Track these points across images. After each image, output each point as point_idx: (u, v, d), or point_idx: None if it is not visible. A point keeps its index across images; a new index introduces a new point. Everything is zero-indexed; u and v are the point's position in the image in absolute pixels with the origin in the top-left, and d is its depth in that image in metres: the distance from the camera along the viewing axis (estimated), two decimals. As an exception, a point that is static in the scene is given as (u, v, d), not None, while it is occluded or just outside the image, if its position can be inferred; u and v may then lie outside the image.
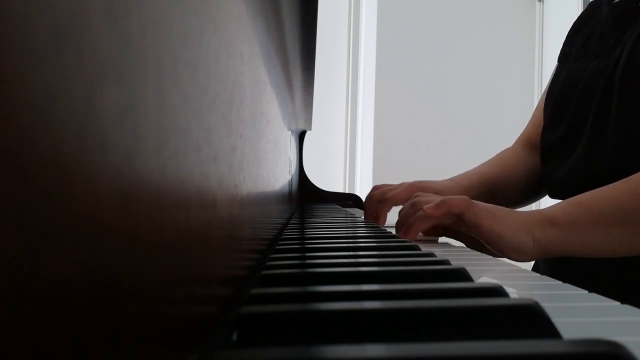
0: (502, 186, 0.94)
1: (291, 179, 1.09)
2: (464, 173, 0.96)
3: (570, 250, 0.64)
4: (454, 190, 0.88)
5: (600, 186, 0.67)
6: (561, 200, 0.68)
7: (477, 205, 0.63)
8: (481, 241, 0.63)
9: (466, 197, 0.66)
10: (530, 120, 1.02)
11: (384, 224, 0.90)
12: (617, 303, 0.33)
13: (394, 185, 0.94)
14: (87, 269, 0.12)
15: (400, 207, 0.82)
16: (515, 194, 0.96)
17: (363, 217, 0.98)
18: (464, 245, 0.72)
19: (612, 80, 0.75)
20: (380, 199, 0.92)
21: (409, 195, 0.82)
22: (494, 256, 0.61)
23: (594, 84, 0.79)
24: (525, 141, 1.01)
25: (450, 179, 0.93)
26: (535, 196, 0.99)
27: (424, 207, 0.65)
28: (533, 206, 2.07)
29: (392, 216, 0.88)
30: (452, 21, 2.65)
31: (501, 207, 0.66)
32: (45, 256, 0.11)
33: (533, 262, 0.88)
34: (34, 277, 0.10)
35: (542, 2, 2.71)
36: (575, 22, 0.92)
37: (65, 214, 0.11)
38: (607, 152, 0.74)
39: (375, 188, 0.96)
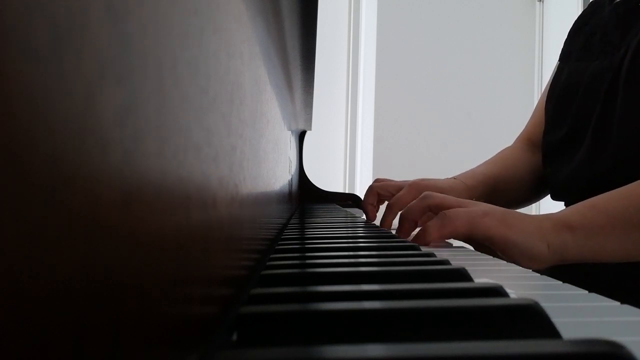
0: (506, 186, 0.93)
1: (291, 179, 1.09)
2: (468, 172, 0.94)
3: (588, 256, 0.61)
4: (459, 189, 0.86)
5: (605, 188, 0.65)
6: (576, 204, 0.65)
7: (485, 217, 0.59)
8: (494, 249, 0.60)
9: (469, 209, 0.61)
10: (531, 119, 1.01)
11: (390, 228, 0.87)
12: (617, 303, 0.33)
13: (396, 182, 0.92)
14: (87, 269, 0.12)
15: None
16: (519, 193, 0.95)
17: (364, 215, 0.98)
18: (467, 246, 0.68)
19: (616, 81, 0.74)
20: (380, 189, 0.90)
21: (412, 198, 0.78)
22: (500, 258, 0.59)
23: (597, 84, 0.78)
24: (527, 140, 0.99)
25: (454, 178, 0.90)
26: (539, 195, 0.97)
27: (428, 230, 0.61)
28: (532, 208, 2.07)
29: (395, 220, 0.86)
30: (452, 21, 2.65)
31: (511, 210, 0.63)
32: (45, 256, 0.11)
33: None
34: (34, 277, 0.10)
35: (542, 2, 2.71)
36: (577, 20, 0.91)
37: (65, 214, 0.11)
38: (611, 153, 0.73)
39: (377, 181, 0.95)
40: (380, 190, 0.92)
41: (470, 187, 0.88)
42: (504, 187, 0.93)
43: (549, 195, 0.91)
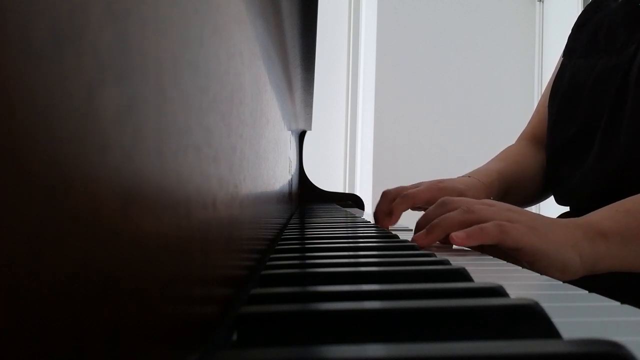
0: (518, 183, 0.89)
1: (291, 179, 1.09)
2: (481, 169, 0.89)
3: (621, 265, 0.57)
4: (476, 188, 0.81)
5: (616, 193, 0.62)
6: (605, 207, 0.60)
7: (514, 225, 0.54)
8: (521, 259, 0.55)
9: (496, 210, 0.57)
10: (534, 116, 0.99)
11: (397, 222, 0.82)
12: (617, 303, 0.33)
13: (412, 185, 0.85)
14: (86, 269, 0.12)
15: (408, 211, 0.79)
16: (530, 191, 0.92)
17: (363, 215, 0.95)
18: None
19: (626, 81, 0.73)
20: (396, 195, 0.82)
21: (429, 196, 0.75)
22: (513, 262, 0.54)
23: (605, 83, 0.76)
24: (531, 137, 0.97)
25: (469, 175, 0.86)
26: (545, 195, 0.95)
27: (453, 234, 0.56)
28: (532, 208, 2.07)
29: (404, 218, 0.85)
30: (452, 21, 2.65)
31: (539, 215, 0.58)
32: (45, 256, 0.11)
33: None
34: (34, 277, 0.10)
35: (542, 2, 2.71)
36: (579, 17, 0.90)
37: (65, 213, 0.11)
38: (622, 156, 0.71)
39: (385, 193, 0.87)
40: (396, 194, 0.83)
41: (486, 185, 0.83)
42: (517, 184, 0.89)
43: (553, 198, 0.88)
